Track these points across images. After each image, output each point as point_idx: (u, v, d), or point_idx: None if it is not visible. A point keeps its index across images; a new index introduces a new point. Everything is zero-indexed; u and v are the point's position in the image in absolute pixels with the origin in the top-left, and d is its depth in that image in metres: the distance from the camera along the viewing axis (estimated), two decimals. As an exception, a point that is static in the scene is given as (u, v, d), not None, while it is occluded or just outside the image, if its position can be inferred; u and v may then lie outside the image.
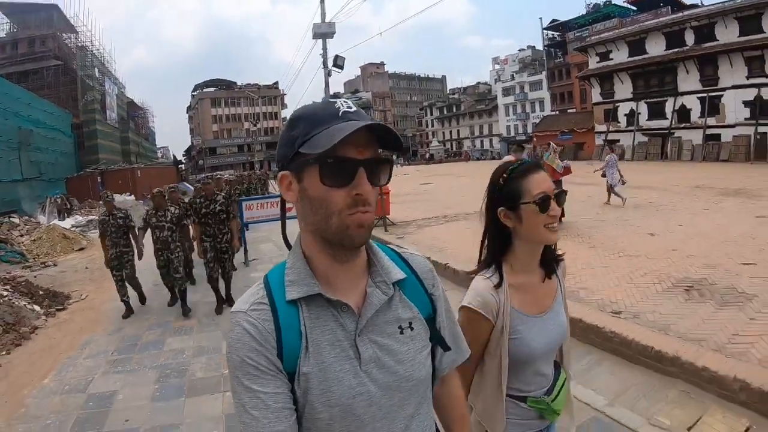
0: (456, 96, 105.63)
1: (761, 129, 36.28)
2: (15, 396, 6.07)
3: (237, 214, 10.80)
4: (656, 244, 10.17)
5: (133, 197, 32.94)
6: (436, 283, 1.47)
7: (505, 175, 1.97)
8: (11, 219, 22.09)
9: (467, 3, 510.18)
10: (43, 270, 13.82)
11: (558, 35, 70.64)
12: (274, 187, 39.93)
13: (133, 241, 9.35)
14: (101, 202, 29.60)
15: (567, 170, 13.72)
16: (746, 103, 38.13)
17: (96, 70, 62.18)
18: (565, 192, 1.98)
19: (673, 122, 43.90)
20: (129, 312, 9.26)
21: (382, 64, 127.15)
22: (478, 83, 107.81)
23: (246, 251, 13.17)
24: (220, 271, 9.09)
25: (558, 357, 2.16)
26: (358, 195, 1.17)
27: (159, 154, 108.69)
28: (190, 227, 9.89)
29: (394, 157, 1.97)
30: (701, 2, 50.64)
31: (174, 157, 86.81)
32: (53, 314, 9.38)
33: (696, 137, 41.42)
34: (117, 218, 9.27)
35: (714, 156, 38.96)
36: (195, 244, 9.72)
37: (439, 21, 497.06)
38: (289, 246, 1.33)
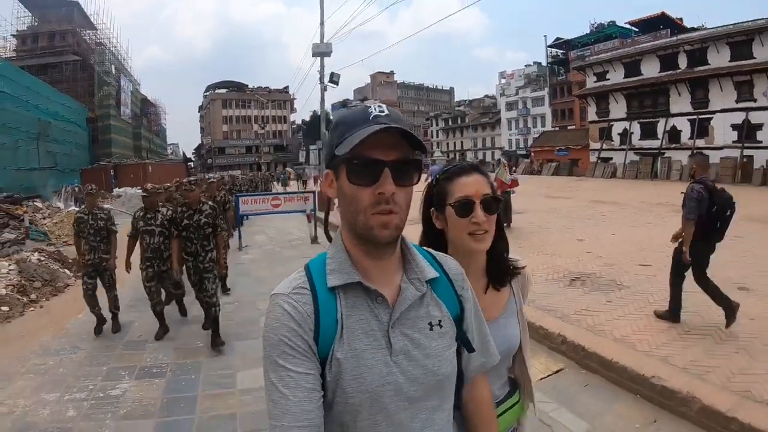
0: (462, 108, 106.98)
1: (747, 152, 37.36)
2: (57, 324, 8.57)
3: (225, 227, 9.34)
4: (576, 248, 11.87)
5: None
6: (466, 286, 1.53)
7: (438, 176, 1.95)
8: (35, 203, 23.80)
9: (481, 14, 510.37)
10: (65, 248, 14.64)
11: (561, 53, 71.77)
12: (276, 188, 41.84)
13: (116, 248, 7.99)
14: (112, 194, 30.78)
15: (514, 183, 15.27)
16: (734, 127, 39.25)
17: (113, 67, 64.10)
18: (498, 200, 1.86)
19: (664, 142, 45.09)
20: (102, 323, 7.92)
21: (391, 73, 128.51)
22: (485, 96, 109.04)
23: (240, 238, 15.20)
24: (203, 298, 7.26)
25: (516, 374, 2.09)
26: (381, 194, 1.23)
27: (169, 151, 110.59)
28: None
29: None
30: (704, 24, 52.10)
31: (183, 154, 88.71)
32: (80, 277, 8.77)
33: (685, 158, 42.05)
34: (97, 218, 7.85)
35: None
36: (172, 262, 7.45)
37: (452, 31, 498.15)
38: (329, 239, 1.97)
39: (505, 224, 15.28)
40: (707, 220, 6.22)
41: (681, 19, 59.50)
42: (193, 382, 6.11)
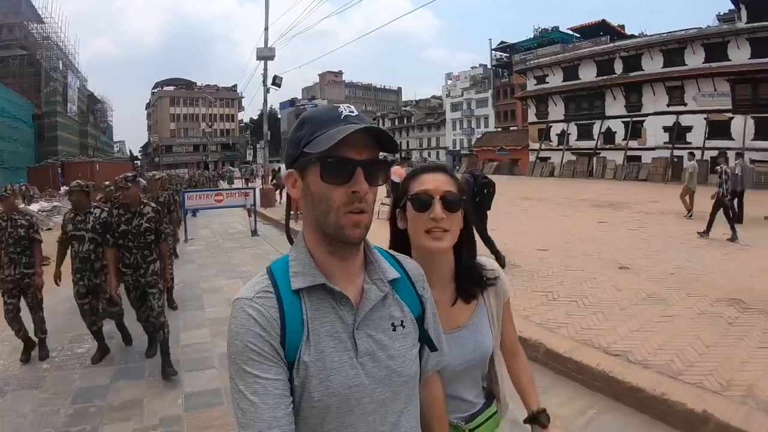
0: (408, 108, 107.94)
1: (677, 153, 39.25)
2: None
3: (170, 233, 7.71)
4: (514, 240, 12.71)
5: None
6: (426, 286, 1.53)
7: (406, 176, 1.88)
8: None
9: (433, 16, 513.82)
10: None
11: (505, 56, 73.17)
12: (223, 186, 41.99)
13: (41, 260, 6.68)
14: (60, 192, 30.33)
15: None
16: (665, 129, 41.49)
17: (60, 62, 62.67)
18: (461, 199, 1.76)
19: (599, 143, 47.11)
20: (29, 349, 6.42)
21: (340, 72, 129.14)
22: (432, 97, 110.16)
23: (186, 231, 15.74)
24: (147, 318, 6.09)
25: (489, 385, 2.00)
26: (355, 193, 1.23)
27: (116, 149, 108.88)
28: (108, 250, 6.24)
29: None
30: (644, 32, 54.15)
31: (130, 152, 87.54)
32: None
33: (619, 158, 44.64)
34: (17, 226, 6.36)
35: (634, 175, 42.03)
36: (109, 277, 6.10)
37: (404, 32, 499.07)
38: (291, 240, 2.06)
39: None
40: (473, 198, 9.18)
41: (623, 26, 61.58)
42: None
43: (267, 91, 27.47)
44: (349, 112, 1.27)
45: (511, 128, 67.48)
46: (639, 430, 4.27)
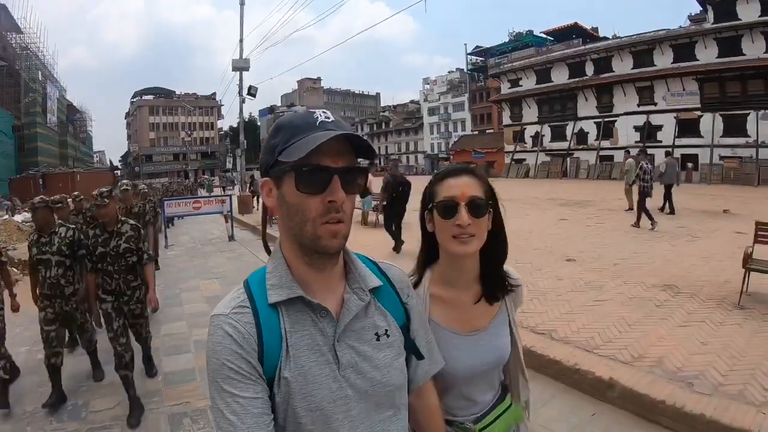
0: (386, 113, 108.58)
1: (648, 151, 40.13)
2: None
3: (152, 254, 6.14)
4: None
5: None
6: (411, 293, 1.51)
7: (432, 178, 1.86)
8: None
9: (411, 21, 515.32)
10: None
11: (481, 60, 74.29)
12: (202, 194, 42.33)
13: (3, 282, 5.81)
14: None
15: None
16: (636, 128, 42.64)
17: (39, 73, 62.62)
18: (488, 203, 1.74)
19: (573, 144, 48.19)
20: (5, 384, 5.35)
21: (318, 79, 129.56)
22: (410, 102, 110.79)
23: (166, 238, 16.51)
24: (132, 350, 5.25)
25: (509, 383, 2.00)
26: (332, 202, 1.19)
27: (96, 159, 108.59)
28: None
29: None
30: (617, 34, 55.21)
31: (111, 162, 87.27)
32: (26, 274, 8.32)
33: (592, 158, 45.67)
34: None
35: (606, 175, 42.90)
36: (86, 302, 5.61)
37: (383, 37, 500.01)
38: (268, 251, 1.88)
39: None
40: (390, 195, 11.65)
41: (596, 29, 63.14)
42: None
43: (243, 101, 28.42)
44: (325, 117, 1.24)
45: (487, 131, 68.44)
46: (554, 396, 4.84)
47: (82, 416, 5.04)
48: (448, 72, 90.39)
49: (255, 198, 25.72)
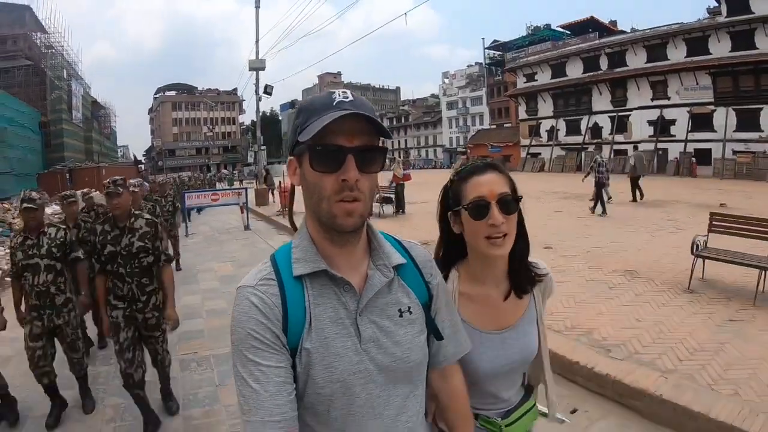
0: (405, 107, 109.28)
1: (661, 145, 40.76)
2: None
3: (170, 255, 5.15)
4: (431, 224, 14.75)
5: (98, 193, 35.95)
6: (435, 272, 1.51)
7: (453, 177, 1.81)
8: (4, 204, 25.45)
9: (433, 14, 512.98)
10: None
11: (498, 54, 74.11)
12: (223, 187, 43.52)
13: None
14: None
15: (407, 177, 18.20)
16: (650, 122, 42.76)
17: (64, 71, 63.53)
18: (517, 198, 1.70)
19: (587, 138, 48.40)
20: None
21: (338, 74, 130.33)
22: (430, 96, 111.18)
23: (187, 227, 18.01)
24: (144, 365, 4.69)
25: (530, 379, 2.00)
26: (345, 181, 1.19)
27: (120, 153, 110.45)
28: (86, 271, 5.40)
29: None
30: (636, 27, 55.11)
31: (134, 156, 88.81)
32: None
33: (606, 152, 45.62)
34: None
35: (620, 169, 42.72)
36: (99, 313, 4.88)
37: (404, 30, 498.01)
38: (294, 228, 1.43)
39: (399, 211, 18.06)
40: None
41: (615, 22, 62.95)
42: None
43: (259, 99, 29.55)
44: (343, 97, 1.25)
45: (505, 125, 68.54)
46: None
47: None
48: (468, 66, 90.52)
49: (270, 191, 26.96)
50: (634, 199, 18.96)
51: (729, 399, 4.20)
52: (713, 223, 8.04)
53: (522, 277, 1.83)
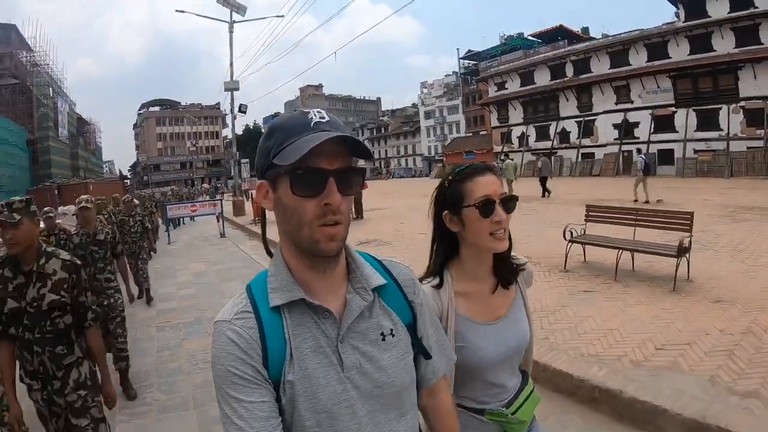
0: (385, 118, 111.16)
1: (626, 148, 42.15)
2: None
3: (98, 311, 3.81)
4: (393, 227, 16.66)
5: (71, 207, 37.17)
6: (417, 291, 1.47)
7: (450, 177, 1.86)
8: None
9: (415, 23, 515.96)
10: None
11: (473, 64, 76.11)
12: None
13: None
14: (58, 212, 35.03)
15: (365, 185, 19.89)
16: (615, 126, 44.31)
17: (50, 89, 65.22)
18: (515, 198, 1.83)
19: (556, 143, 50.03)
20: None
21: (320, 86, 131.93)
22: (411, 105, 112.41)
23: (169, 236, 20.23)
24: None
25: (523, 364, 2.08)
26: (328, 205, 1.17)
27: (105, 169, 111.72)
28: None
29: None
30: (607, 33, 56.61)
31: (120, 172, 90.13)
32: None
33: (574, 155, 47.64)
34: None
35: (588, 171, 44.95)
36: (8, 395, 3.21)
37: (386, 41, 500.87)
38: (270, 254, 1.36)
39: (358, 216, 19.72)
40: None
41: (587, 29, 65.65)
42: None
43: (234, 118, 32.33)
44: (320, 118, 1.21)
45: (480, 132, 70.08)
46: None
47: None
48: (445, 75, 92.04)
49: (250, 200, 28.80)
50: (544, 195, 23.11)
51: (542, 342, 5.70)
52: (589, 213, 9.55)
53: (507, 270, 1.94)
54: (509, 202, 1.78)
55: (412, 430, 1.39)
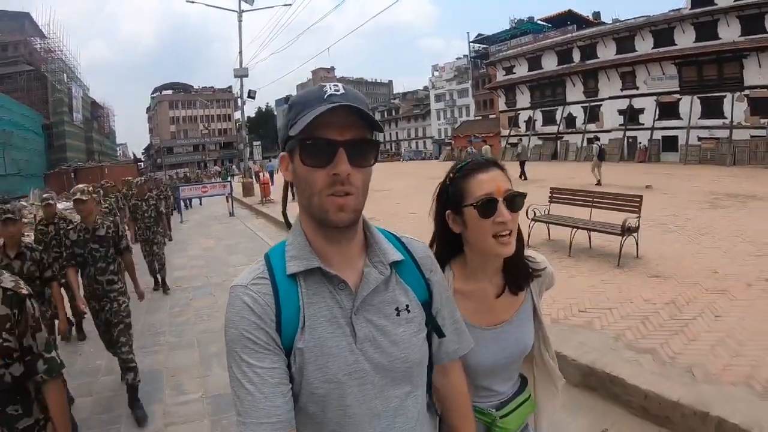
0: (396, 101, 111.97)
1: (630, 133, 42.82)
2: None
3: (55, 361, 2.45)
4: (393, 207, 17.23)
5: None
6: (434, 268, 1.48)
7: (451, 174, 1.78)
8: (22, 202, 28.07)
9: (430, 6, 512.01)
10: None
11: (483, 48, 76.17)
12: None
13: None
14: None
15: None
16: (620, 112, 44.55)
17: (64, 75, 66.46)
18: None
19: (562, 128, 50.51)
20: None
21: (332, 68, 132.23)
22: (422, 88, 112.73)
23: (181, 214, 21.99)
24: None
25: (524, 370, 1.99)
26: (336, 175, 1.17)
27: (119, 151, 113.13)
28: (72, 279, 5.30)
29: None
30: (618, 17, 56.62)
31: (134, 155, 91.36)
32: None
33: (580, 140, 47.90)
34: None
35: (592, 156, 45.04)
36: None
37: (399, 22, 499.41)
38: (288, 225, 2.59)
39: None
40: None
41: (599, 14, 65.79)
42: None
43: (243, 103, 33.61)
44: (334, 90, 1.22)
45: (490, 116, 70.16)
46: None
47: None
48: (456, 59, 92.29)
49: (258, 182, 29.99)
50: (521, 177, 25.27)
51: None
52: (552, 195, 10.59)
53: (518, 273, 1.81)
54: (515, 200, 1.66)
55: (421, 407, 1.40)
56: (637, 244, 8.83)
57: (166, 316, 8.41)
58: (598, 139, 25.77)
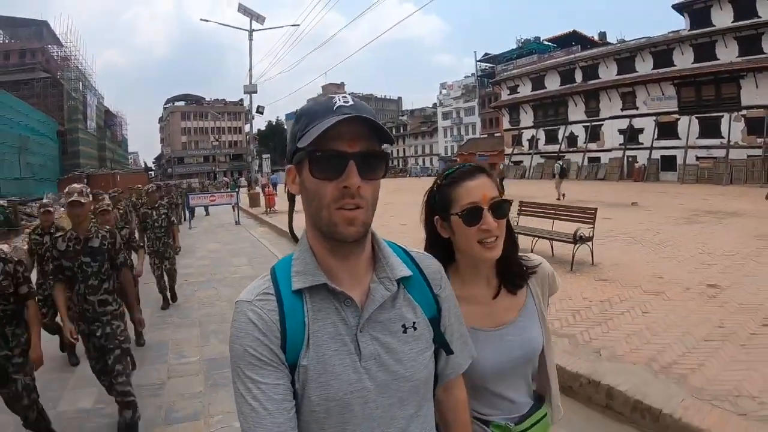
0: (404, 118, 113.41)
1: (630, 153, 43.62)
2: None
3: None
4: (382, 220, 17.61)
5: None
6: (444, 284, 1.44)
7: (439, 181, 1.77)
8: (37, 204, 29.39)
9: (441, 23, 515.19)
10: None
11: (490, 66, 77.27)
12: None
13: None
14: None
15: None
16: (620, 131, 45.26)
17: (80, 83, 67.63)
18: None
19: (564, 146, 51.19)
20: None
21: (342, 84, 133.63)
22: (431, 105, 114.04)
23: (190, 222, 22.97)
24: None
25: (540, 386, 1.93)
26: (346, 188, 1.15)
27: (130, 160, 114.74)
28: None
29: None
30: (623, 38, 57.33)
31: (145, 164, 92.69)
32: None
33: (581, 159, 48.67)
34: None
35: (593, 175, 45.93)
36: None
37: (410, 39, 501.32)
38: (295, 239, 2.72)
39: None
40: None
41: (604, 34, 67.20)
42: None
43: (252, 118, 34.95)
44: (344, 102, 1.19)
45: (495, 134, 71.27)
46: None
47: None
48: (464, 77, 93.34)
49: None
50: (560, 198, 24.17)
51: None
52: (521, 208, 11.49)
53: (511, 273, 1.81)
54: (501, 207, 1.66)
55: (428, 426, 1.37)
56: (591, 252, 9.69)
57: (176, 303, 9.58)
58: (560, 158, 26.35)
